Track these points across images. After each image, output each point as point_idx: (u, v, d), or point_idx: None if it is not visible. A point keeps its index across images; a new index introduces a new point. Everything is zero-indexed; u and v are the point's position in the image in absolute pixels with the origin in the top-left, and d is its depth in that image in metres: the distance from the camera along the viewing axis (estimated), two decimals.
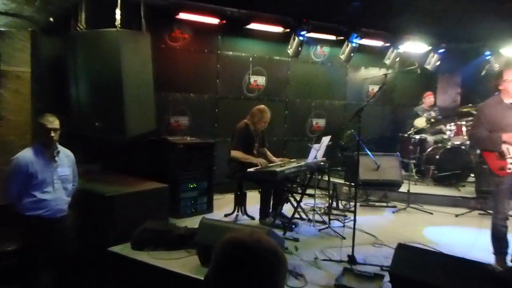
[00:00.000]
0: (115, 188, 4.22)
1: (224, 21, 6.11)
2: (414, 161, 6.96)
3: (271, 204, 4.96)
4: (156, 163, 5.33)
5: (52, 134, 3.38)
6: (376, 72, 8.11)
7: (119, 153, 5.23)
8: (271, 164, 4.86)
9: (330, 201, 5.43)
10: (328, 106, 7.86)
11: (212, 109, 6.45)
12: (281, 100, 7.28)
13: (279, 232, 4.50)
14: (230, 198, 5.70)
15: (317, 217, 5.00)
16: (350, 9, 5.69)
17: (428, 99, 7.62)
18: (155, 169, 5.24)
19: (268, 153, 5.35)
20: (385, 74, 4.80)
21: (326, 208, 5.48)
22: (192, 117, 6.25)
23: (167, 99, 5.98)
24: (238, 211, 5.15)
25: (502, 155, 3.64)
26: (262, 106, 5.12)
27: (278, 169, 4.38)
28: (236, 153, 4.94)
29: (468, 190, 6.46)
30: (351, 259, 3.78)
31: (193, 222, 4.66)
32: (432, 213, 5.77)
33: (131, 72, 4.35)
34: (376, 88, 8.19)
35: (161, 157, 5.33)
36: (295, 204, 4.90)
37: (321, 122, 7.81)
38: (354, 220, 3.99)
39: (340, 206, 5.73)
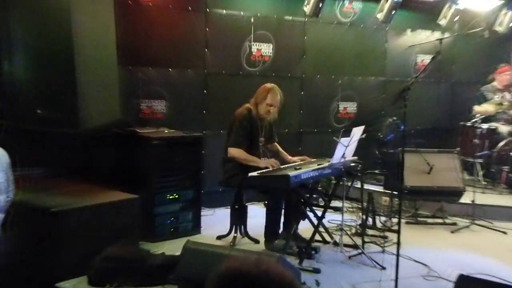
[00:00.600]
0: (64, 201, 4.21)
1: None
2: (480, 161, 6.96)
3: (281, 221, 4.96)
4: (122, 165, 5.34)
5: None
6: (427, 37, 8.10)
7: (70, 152, 5.21)
8: (284, 166, 4.87)
9: (365, 217, 5.43)
10: (360, 84, 7.86)
11: (199, 89, 6.46)
12: (295, 77, 7.29)
13: (294, 261, 4.49)
14: (224, 213, 5.69)
15: (346, 240, 4.99)
16: None
17: (503, 76, 7.52)
18: (120, 174, 5.25)
19: (280, 149, 5.39)
20: (440, 40, 4.79)
21: (358, 226, 5.49)
22: (172, 101, 6.25)
23: (137, 77, 5.98)
24: (236, 232, 5.16)
25: None
26: (271, 84, 5.13)
27: (291, 172, 4.37)
28: (234, 151, 4.96)
29: None
30: None
31: (173, 247, 4.65)
32: (506, 233, 5.77)
33: (86, 41, 4.36)
34: (427, 59, 8.16)
35: (129, 157, 5.34)
36: (316, 222, 4.89)
37: (350, 107, 7.82)
38: (398, 243, 3.98)
39: (379, 224, 5.74)
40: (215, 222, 5.73)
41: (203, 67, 6.46)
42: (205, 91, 6.49)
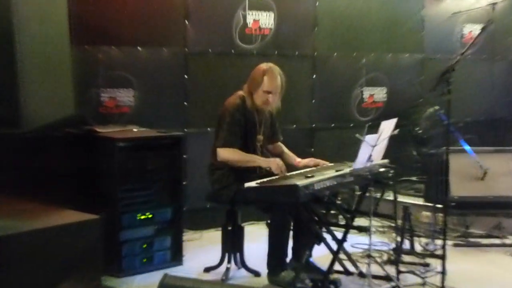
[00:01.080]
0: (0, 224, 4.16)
1: None
2: None
3: (289, 247, 4.94)
4: (78, 176, 5.33)
5: None
6: (475, 2, 8.07)
7: (10, 160, 5.18)
8: (292, 173, 4.85)
9: (399, 239, 5.40)
10: (390, 64, 7.86)
11: (178, 74, 6.45)
12: (304, 56, 7.27)
13: None
14: (214, 237, 5.66)
15: (375, 269, 4.95)
16: None
17: None
18: (76, 188, 5.24)
19: (286, 150, 5.39)
20: (493, 4, 4.74)
21: (391, 252, 5.45)
22: (142, 90, 6.23)
23: (96, 59, 5.96)
24: (229, 261, 5.14)
25: None
26: (267, 64, 5.11)
27: (301, 181, 4.33)
28: (225, 153, 4.95)
29: None
30: None
31: (146, 284, 4.60)
32: None
33: (29, 13, 4.32)
34: (476, 30, 8.12)
35: (86, 165, 5.33)
36: (335, 247, 4.85)
37: (379, 94, 7.81)
38: (443, 273, 3.94)
39: (418, 248, 5.72)
40: (201, 249, 5.74)
41: (183, 44, 6.43)
42: (186, 76, 6.46)
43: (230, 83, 5.70)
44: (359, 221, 5.19)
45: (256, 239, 5.49)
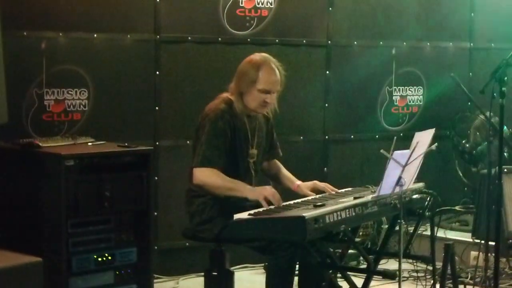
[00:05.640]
0: None
1: None
2: None
3: None
4: (14, 205, 5.33)
5: None
6: None
7: None
8: (296, 201, 4.85)
9: None
10: (429, 56, 7.89)
11: (147, 69, 6.48)
12: (315, 45, 7.31)
13: None
14: (194, 285, 5.65)
15: None
16: None
17: None
18: (11, 220, 5.24)
19: (284, 170, 5.38)
20: None
21: None
22: (99, 90, 6.25)
23: (37, 50, 5.98)
24: None
25: None
26: (260, 54, 5.13)
27: (308, 212, 4.33)
28: (203, 174, 4.92)
29: None
30: None
31: None
32: None
33: None
34: None
35: (24, 190, 5.31)
36: None
37: (413, 96, 7.85)
38: None
39: None
40: None
41: (154, 29, 6.46)
42: (157, 72, 6.49)
43: (216, 81, 5.70)
44: (386, 264, 5.19)
45: (250, 287, 5.49)
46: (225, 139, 4.95)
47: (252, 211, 4.52)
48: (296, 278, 4.94)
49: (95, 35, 6.18)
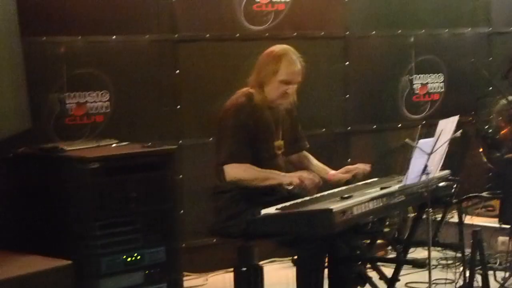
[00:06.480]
0: None
1: None
2: None
3: None
4: (40, 209, 5.32)
5: None
6: None
7: None
8: (322, 194, 4.85)
9: (469, 274, 5.37)
10: (448, 42, 7.88)
11: (165, 68, 6.50)
12: (333, 37, 7.32)
13: None
14: (223, 281, 5.70)
15: None
16: None
17: None
18: (37, 225, 5.24)
19: (315, 161, 5.39)
20: None
21: None
22: (120, 92, 6.27)
23: (57, 54, 5.99)
24: None
25: None
26: (280, 46, 5.13)
27: (336, 204, 4.33)
28: (234, 170, 4.92)
29: None
30: None
31: None
32: None
33: None
34: None
35: (49, 194, 5.32)
36: None
37: (434, 83, 7.85)
38: None
39: (493, 284, 5.67)
40: None
41: (171, 28, 6.48)
42: (177, 71, 6.51)
43: (235, 77, 5.69)
44: (415, 253, 5.18)
45: (279, 282, 5.49)
46: (248, 133, 4.95)
47: (279, 206, 4.52)
48: (326, 271, 4.96)
49: (113, 37, 6.20)
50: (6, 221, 5.34)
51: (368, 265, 5.10)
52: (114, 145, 5.64)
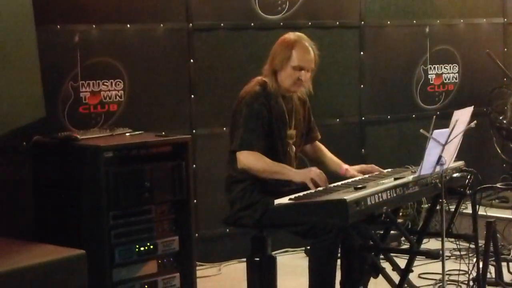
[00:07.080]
0: None
1: None
2: None
3: (336, 280, 4.93)
4: (54, 198, 5.34)
5: None
6: None
7: None
8: (336, 184, 4.84)
9: (482, 265, 5.35)
10: (463, 33, 7.88)
11: (180, 57, 6.51)
12: (348, 26, 7.33)
13: None
14: (236, 271, 5.68)
15: None
16: None
17: None
18: (51, 214, 5.26)
19: (329, 153, 5.39)
20: None
21: (472, 282, 5.41)
22: (134, 80, 6.30)
23: (71, 43, 6.00)
24: None
25: None
26: (294, 33, 5.13)
27: (350, 195, 4.32)
28: (247, 158, 4.93)
29: None
30: None
31: None
32: None
33: None
34: None
35: (63, 183, 5.33)
36: (397, 279, 4.83)
37: (449, 74, 7.83)
38: None
39: (506, 276, 5.70)
40: None
41: (186, 18, 6.48)
42: (191, 61, 6.51)
43: (250, 67, 5.69)
44: (428, 244, 5.16)
45: (292, 272, 5.49)
46: (262, 121, 4.96)
47: (292, 196, 4.51)
48: (338, 261, 4.96)
49: (128, 26, 6.21)
50: (20, 210, 5.36)
51: (381, 256, 5.09)
52: (128, 134, 5.65)
